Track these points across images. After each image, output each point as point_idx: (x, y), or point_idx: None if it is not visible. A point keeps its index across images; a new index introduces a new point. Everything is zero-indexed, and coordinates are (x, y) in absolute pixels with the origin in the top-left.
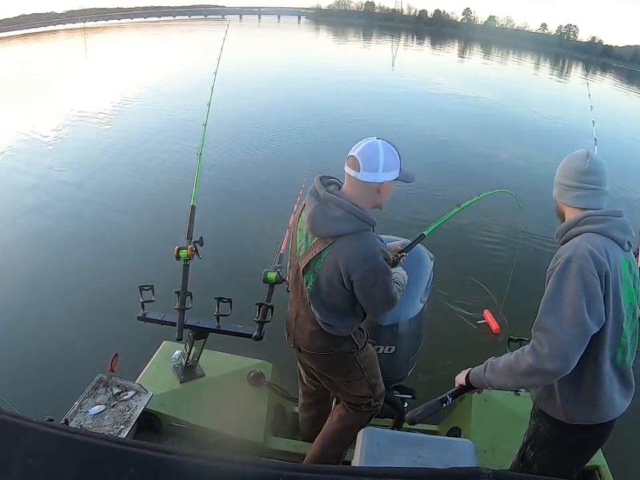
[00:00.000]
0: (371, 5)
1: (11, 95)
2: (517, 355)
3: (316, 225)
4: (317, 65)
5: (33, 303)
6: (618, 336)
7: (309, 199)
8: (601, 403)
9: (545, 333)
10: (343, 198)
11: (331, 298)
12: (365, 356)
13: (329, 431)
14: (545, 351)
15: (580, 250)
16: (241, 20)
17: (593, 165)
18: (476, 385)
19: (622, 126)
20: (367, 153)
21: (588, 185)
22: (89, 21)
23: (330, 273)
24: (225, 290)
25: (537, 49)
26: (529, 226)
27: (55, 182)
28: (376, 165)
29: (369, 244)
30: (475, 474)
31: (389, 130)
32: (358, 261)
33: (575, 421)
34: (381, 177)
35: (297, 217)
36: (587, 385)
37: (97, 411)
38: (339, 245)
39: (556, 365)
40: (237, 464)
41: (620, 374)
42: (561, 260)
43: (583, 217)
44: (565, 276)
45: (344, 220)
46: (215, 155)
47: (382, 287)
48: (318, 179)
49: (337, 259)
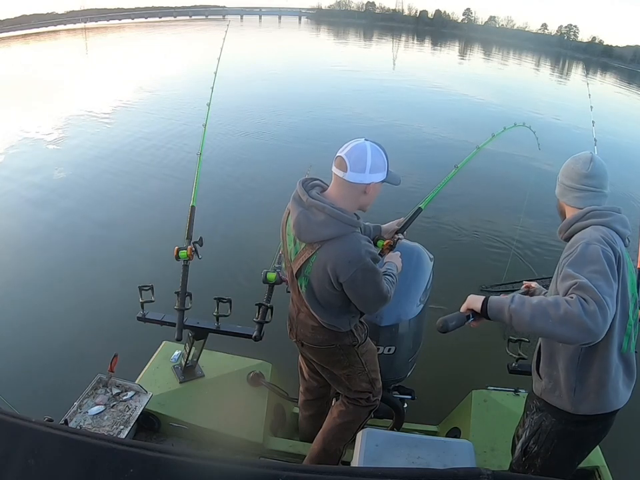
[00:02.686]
0: (372, 6)
1: (11, 95)
2: (556, 300)
3: (301, 231)
4: (318, 65)
5: (32, 303)
6: (624, 323)
7: (293, 205)
8: (607, 391)
9: (590, 294)
10: (326, 201)
11: (325, 299)
12: (366, 350)
13: (330, 426)
14: (591, 308)
15: (595, 236)
16: (241, 20)
17: (596, 169)
18: (493, 313)
19: (622, 126)
20: (355, 154)
21: (589, 188)
22: (89, 21)
23: (320, 276)
24: (224, 290)
25: (537, 49)
26: (526, 224)
27: (55, 182)
28: (363, 165)
29: (354, 246)
30: (475, 474)
31: (389, 130)
32: (344, 263)
33: (580, 410)
34: (367, 178)
35: (284, 221)
36: (595, 372)
37: (97, 411)
38: (325, 249)
39: (598, 326)
40: (237, 464)
41: (625, 362)
42: (580, 244)
43: (587, 212)
44: (588, 252)
45: (328, 224)
46: (215, 155)
47: (371, 287)
48: (300, 184)
49: (325, 263)
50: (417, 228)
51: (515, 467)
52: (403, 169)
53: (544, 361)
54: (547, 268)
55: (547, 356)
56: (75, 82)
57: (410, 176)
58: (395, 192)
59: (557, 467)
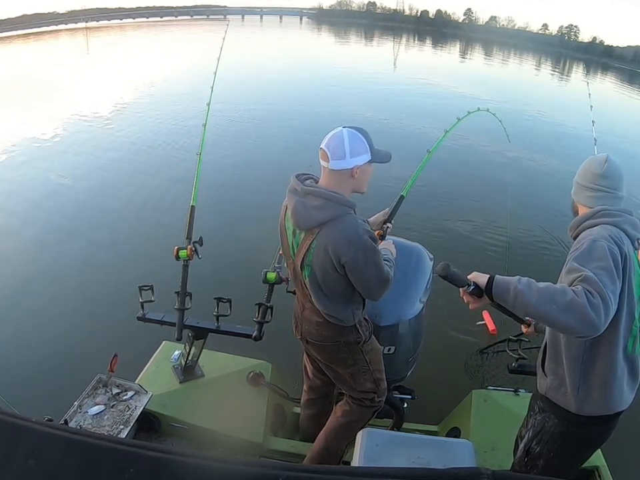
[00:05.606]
0: (373, 5)
1: (11, 95)
2: (564, 287)
3: (299, 218)
4: (319, 65)
5: (32, 303)
6: (630, 323)
7: (289, 196)
8: (611, 392)
9: (595, 288)
10: (321, 187)
11: (327, 285)
12: (371, 349)
13: (333, 425)
14: (596, 302)
15: (602, 233)
16: (243, 20)
17: (610, 170)
18: (498, 290)
19: (623, 126)
20: (333, 143)
21: (602, 188)
22: (90, 20)
23: (321, 260)
24: (224, 290)
25: (538, 49)
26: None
27: (55, 183)
28: (342, 152)
29: (352, 226)
30: (475, 474)
31: (391, 129)
32: (344, 243)
33: (584, 411)
34: (349, 163)
35: (282, 217)
36: (600, 372)
37: (97, 411)
38: (324, 232)
39: (600, 320)
40: (237, 464)
41: (629, 363)
42: (587, 240)
43: (598, 211)
44: (594, 248)
45: (324, 207)
46: (215, 155)
47: (373, 267)
48: (294, 177)
49: (326, 245)
50: (418, 228)
51: (517, 467)
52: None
53: (550, 358)
54: (543, 265)
55: (553, 353)
56: (76, 82)
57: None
58: (379, 185)
59: (558, 468)
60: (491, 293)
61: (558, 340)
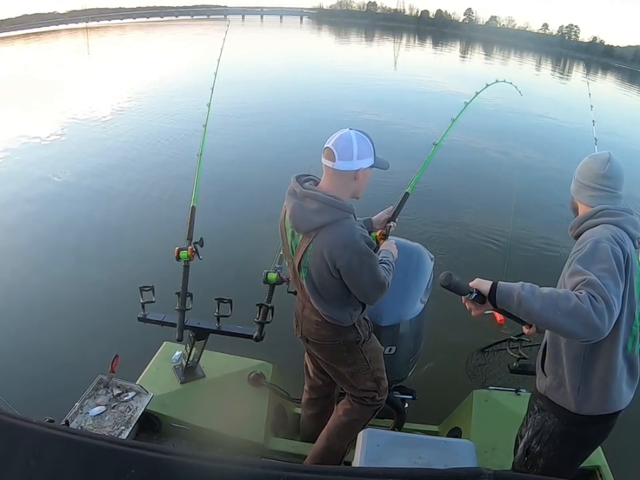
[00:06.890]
0: (373, 5)
1: (11, 95)
2: (567, 293)
3: (297, 221)
4: (319, 65)
5: (33, 304)
6: (630, 323)
7: (288, 199)
8: (610, 392)
9: (599, 292)
10: (319, 190)
11: (324, 288)
12: (371, 348)
13: (335, 424)
14: (600, 307)
15: (605, 234)
16: (243, 20)
17: (613, 170)
18: (501, 296)
19: (623, 125)
20: (341, 143)
21: (604, 188)
22: (91, 21)
23: (317, 264)
24: (225, 291)
25: (538, 48)
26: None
27: (54, 183)
28: (350, 153)
29: (349, 231)
30: (476, 474)
31: (392, 128)
32: (339, 247)
33: (583, 411)
34: (356, 165)
35: (282, 218)
36: (600, 372)
37: (98, 412)
38: (320, 236)
39: (604, 325)
40: (238, 464)
41: (629, 363)
42: (589, 241)
43: (600, 210)
44: (598, 250)
45: (322, 211)
46: (216, 155)
47: (368, 272)
48: (294, 179)
49: (321, 249)
50: (417, 228)
51: (517, 467)
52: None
53: (550, 358)
54: (543, 266)
55: (553, 353)
56: (76, 82)
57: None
58: (383, 184)
59: (558, 467)
60: (495, 300)
61: (558, 341)
